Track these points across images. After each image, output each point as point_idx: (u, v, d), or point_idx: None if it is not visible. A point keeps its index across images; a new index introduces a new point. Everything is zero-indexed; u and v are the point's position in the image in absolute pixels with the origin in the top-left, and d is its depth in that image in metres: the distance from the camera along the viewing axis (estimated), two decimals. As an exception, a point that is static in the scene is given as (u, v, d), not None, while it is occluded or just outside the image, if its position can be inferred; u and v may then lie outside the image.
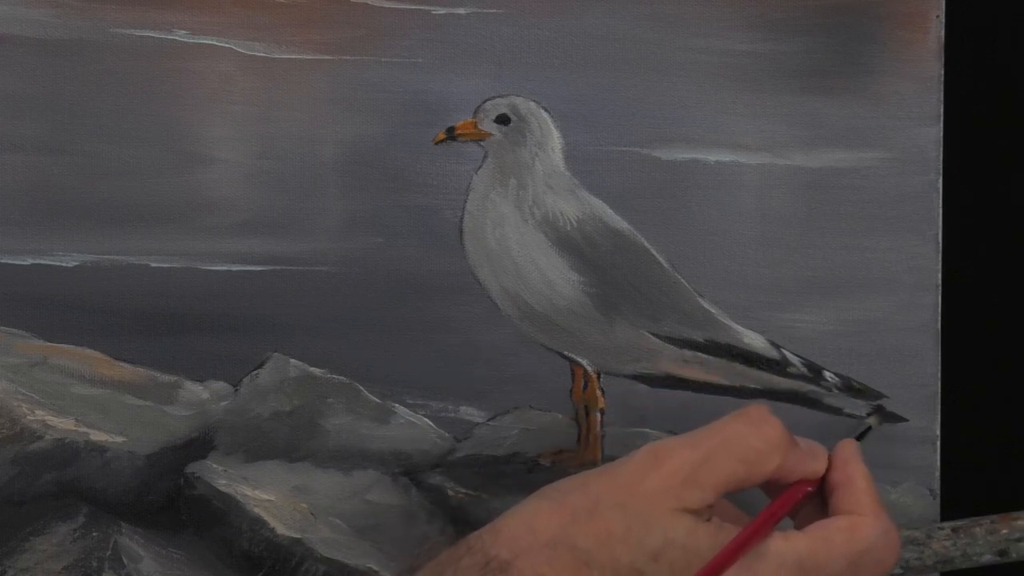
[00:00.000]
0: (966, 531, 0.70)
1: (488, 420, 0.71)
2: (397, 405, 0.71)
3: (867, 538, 0.55)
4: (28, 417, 0.69)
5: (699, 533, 0.53)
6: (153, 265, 0.69)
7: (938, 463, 0.73)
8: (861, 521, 0.56)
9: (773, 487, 0.57)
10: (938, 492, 0.73)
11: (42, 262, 0.68)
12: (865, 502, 0.56)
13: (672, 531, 0.52)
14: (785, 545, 0.54)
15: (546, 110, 0.70)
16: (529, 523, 0.53)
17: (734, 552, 0.53)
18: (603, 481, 0.54)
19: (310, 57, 0.69)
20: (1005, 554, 0.70)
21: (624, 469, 0.54)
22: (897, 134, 0.72)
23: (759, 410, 0.56)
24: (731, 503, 0.57)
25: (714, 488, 0.54)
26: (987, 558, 0.70)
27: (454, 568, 0.53)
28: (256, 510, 0.70)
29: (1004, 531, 0.70)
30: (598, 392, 0.72)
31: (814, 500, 0.57)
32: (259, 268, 0.69)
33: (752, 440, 0.55)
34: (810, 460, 0.57)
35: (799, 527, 0.56)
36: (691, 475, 0.54)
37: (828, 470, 0.57)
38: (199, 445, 0.70)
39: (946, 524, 0.71)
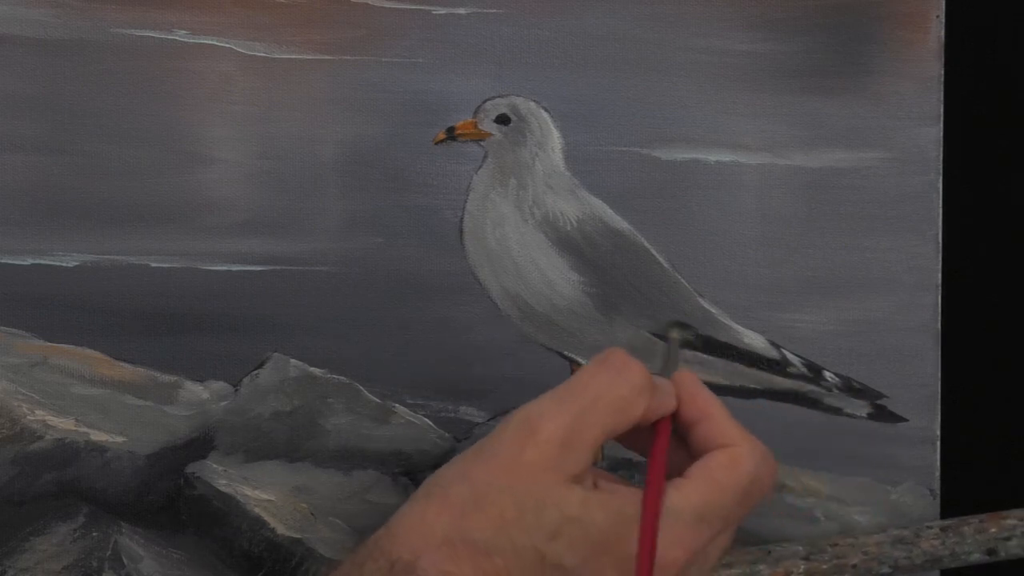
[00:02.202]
0: (955, 530, 0.70)
1: (488, 420, 0.71)
2: (397, 405, 0.71)
3: (749, 467, 0.55)
4: (28, 417, 0.69)
5: (591, 504, 0.52)
6: (153, 265, 0.69)
7: (938, 463, 0.73)
8: (738, 452, 0.55)
9: (630, 431, 0.56)
10: (938, 492, 0.73)
11: (42, 262, 0.68)
12: (732, 432, 0.56)
13: (565, 507, 0.52)
14: (680, 498, 0.54)
15: (546, 110, 0.70)
16: (420, 523, 0.52)
17: (655, 516, 0.52)
18: (483, 465, 0.53)
19: (310, 57, 0.69)
20: (994, 553, 0.70)
21: (500, 446, 0.53)
22: (897, 134, 0.72)
23: (619, 355, 0.55)
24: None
25: (591, 445, 0.53)
26: (976, 557, 0.70)
27: (359, 573, 0.52)
28: (256, 510, 0.70)
29: (993, 530, 0.70)
30: (598, 392, 0.72)
31: (671, 439, 0.57)
32: (259, 268, 0.69)
33: (619, 388, 0.54)
34: (665, 397, 0.56)
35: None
36: (567, 437, 0.53)
37: (678, 406, 0.57)
38: (199, 445, 0.70)
39: (935, 523, 0.71)
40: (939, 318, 0.72)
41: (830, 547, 0.70)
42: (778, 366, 0.72)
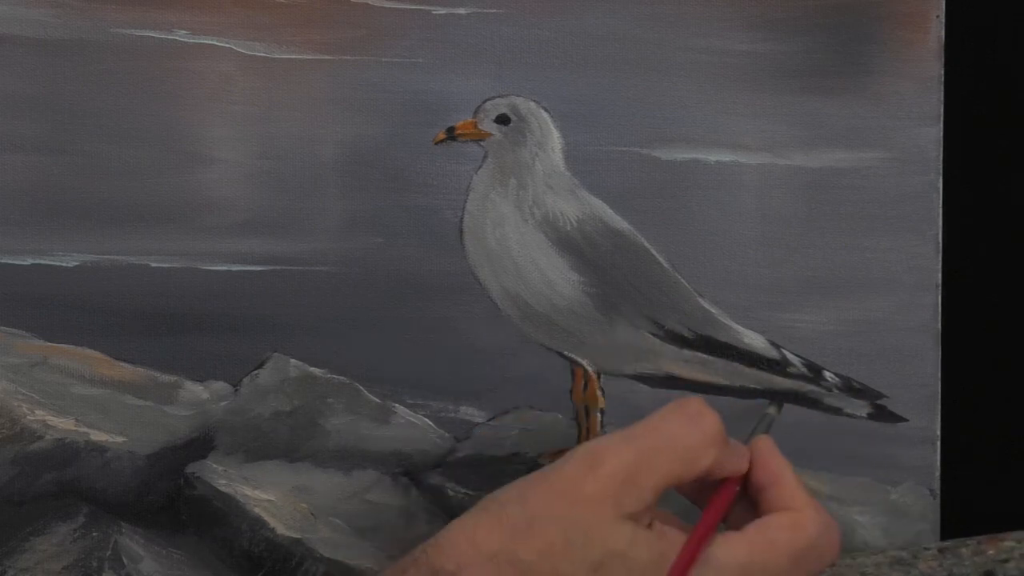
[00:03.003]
0: (953, 552, 0.70)
1: (488, 420, 0.71)
2: (397, 405, 0.71)
3: (810, 533, 0.55)
4: (28, 417, 0.69)
5: (640, 542, 0.52)
6: (153, 265, 0.69)
7: (938, 463, 0.73)
8: (802, 516, 0.55)
9: (697, 485, 0.56)
10: (938, 492, 0.73)
11: (42, 262, 0.68)
12: (800, 497, 0.56)
13: (613, 542, 0.52)
14: (726, 552, 0.53)
15: (546, 110, 0.70)
16: (470, 537, 0.52)
17: (688, 563, 0.52)
18: (541, 491, 0.53)
19: (310, 57, 0.69)
20: (992, 575, 0.70)
21: (561, 475, 0.53)
22: (897, 134, 0.72)
23: (696, 403, 0.55)
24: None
25: (653, 488, 0.53)
26: (973, 579, 0.71)
27: None
28: (256, 510, 0.70)
29: (991, 552, 0.70)
30: (598, 392, 0.72)
31: (741, 501, 0.57)
32: (259, 268, 0.69)
33: (689, 437, 0.54)
34: (736, 457, 0.56)
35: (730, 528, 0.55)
36: (629, 477, 0.53)
37: (750, 469, 0.57)
38: (199, 445, 0.70)
39: (932, 545, 0.71)
40: (939, 318, 0.72)
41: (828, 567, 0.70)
42: (778, 366, 0.72)
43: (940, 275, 0.72)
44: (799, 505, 0.55)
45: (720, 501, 0.56)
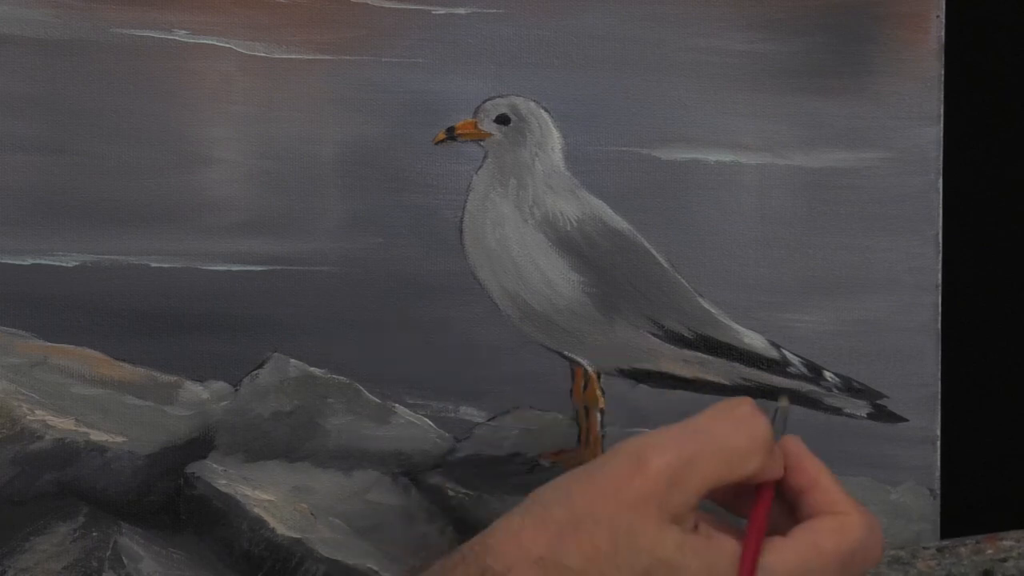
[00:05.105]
0: (951, 551, 0.70)
1: (488, 420, 0.71)
2: (397, 405, 0.71)
3: (857, 537, 0.54)
4: (28, 417, 0.69)
5: (687, 549, 0.52)
6: (153, 265, 0.69)
7: (938, 463, 0.73)
8: (848, 520, 0.54)
9: (730, 489, 0.55)
10: (938, 492, 0.73)
11: (42, 262, 0.68)
12: (841, 500, 0.55)
13: (660, 549, 0.51)
14: (776, 558, 0.53)
15: (546, 110, 0.70)
16: (516, 539, 0.52)
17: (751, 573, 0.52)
18: (586, 489, 0.53)
19: (310, 57, 0.69)
20: (990, 574, 0.70)
21: (607, 473, 0.53)
22: (897, 134, 0.72)
23: (746, 405, 0.55)
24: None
25: (697, 490, 0.53)
26: (971, 579, 0.71)
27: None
28: (256, 510, 0.70)
29: (989, 551, 0.70)
30: (598, 392, 0.72)
31: (774, 504, 0.56)
32: (259, 268, 0.69)
33: (737, 440, 0.53)
34: (775, 462, 0.55)
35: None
36: (675, 477, 0.52)
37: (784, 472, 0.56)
38: (199, 445, 0.70)
39: (931, 544, 0.71)
40: (939, 318, 0.72)
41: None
42: (778, 366, 0.72)
43: (940, 275, 0.72)
44: (843, 508, 0.55)
45: (763, 507, 0.55)
